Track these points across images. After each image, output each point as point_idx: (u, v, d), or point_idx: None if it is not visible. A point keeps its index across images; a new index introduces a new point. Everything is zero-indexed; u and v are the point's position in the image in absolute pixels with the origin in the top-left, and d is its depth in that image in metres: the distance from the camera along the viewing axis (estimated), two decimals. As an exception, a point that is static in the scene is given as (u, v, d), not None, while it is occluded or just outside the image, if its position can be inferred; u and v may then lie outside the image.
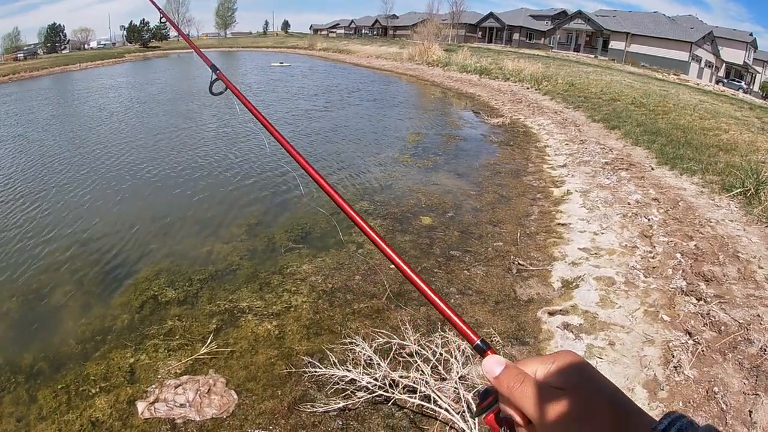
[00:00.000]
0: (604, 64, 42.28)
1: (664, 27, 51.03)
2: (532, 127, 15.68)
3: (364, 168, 11.18)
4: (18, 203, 9.14)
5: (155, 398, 4.03)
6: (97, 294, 5.96)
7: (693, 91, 26.11)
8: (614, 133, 13.31)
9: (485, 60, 33.42)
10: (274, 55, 61.38)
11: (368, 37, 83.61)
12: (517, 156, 12.09)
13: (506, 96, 22.25)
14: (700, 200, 7.91)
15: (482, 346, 0.69)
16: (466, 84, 27.33)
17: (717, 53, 51.66)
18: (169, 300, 5.72)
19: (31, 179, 10.69)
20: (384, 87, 28.90)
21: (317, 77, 34.74)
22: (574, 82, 22.79)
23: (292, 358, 4.57)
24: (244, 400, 4.09)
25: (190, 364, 4.54)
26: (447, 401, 3.72)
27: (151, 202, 9.18)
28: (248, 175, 10.62)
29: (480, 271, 6.21)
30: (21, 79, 41.09)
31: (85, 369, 4.57)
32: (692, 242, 6.27)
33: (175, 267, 6.53)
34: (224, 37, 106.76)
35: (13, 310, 5.73)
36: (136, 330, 5.15)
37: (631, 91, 20.67)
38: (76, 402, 4.18)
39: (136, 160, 12.07)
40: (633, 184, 8.91)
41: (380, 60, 45.11)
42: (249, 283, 6.04)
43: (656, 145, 11.26)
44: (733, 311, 4.69)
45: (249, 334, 5.01)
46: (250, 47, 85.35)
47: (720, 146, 10.91)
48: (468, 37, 68.63)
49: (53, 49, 77.99)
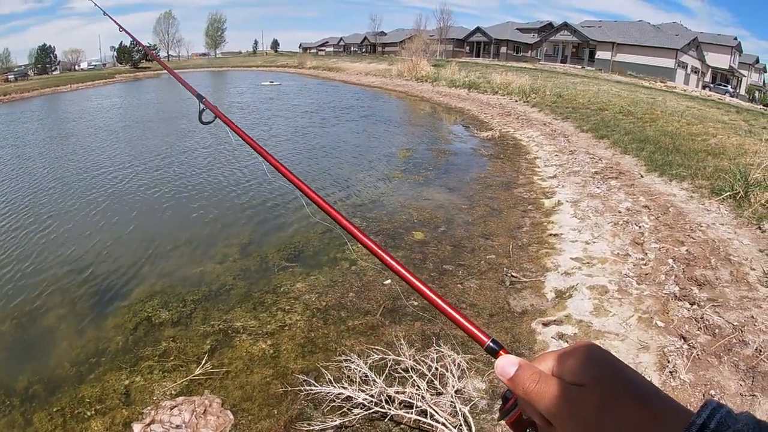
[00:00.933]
0: (591, 74, 42.76)
1: (649, 35, 51.82)
2: (522, 139, 15.82)
3: (355, 184, 11.23)
4: (10, 226, 9.08)
5: (151, 420, 3.99)
6: (90, 316, 5.92)
7: (680, 97, 26.42)
8: (603, 142, 13.44)
9: (473, 74, 33.71)
10: (264, 74, 61.63)
11: (357, 55, 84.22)
12: (507, 168, 12.17)
13: (495, 109, 22.44)
14: (690, 205, 7.98)
15: (494, 346, 0.66)
16: (455, 99, 27.55)
17: (702, 59, 52.44)
18: (163, 321, 5.69)
19: (24, 202, 10.62)
20: (374, 103, 29.08)
21: (308, 95, 34.93)
22: (561, 93, 23.00)
23: (288, 377, 4.55)
24: (240, 420, 4.06)
25: (186, 385, 4.51)
26: (444, 415, 3.72)
27: (143, 222, 9.15)
28: (240, 194, 10.63)
29: (473, 284, 6.22)
30: (12, 101, 41.18)
31: (80, 391, 4.54)
32: (684, 247, 6.32)
33: (169, 288, 6.50)
34: (214, 57, 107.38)
35: (7, 332, 5.69)
36: (130, 352, 5.12)
37: (619, 100, 20.89)
38: (71, 425, 4.14)
39: (128, 181, 12.05)
40: (623, 192, 8.99)
41: (370, 77, 45.45)
42: (243, 302, 6.02)
43: (645, 153, 11.38)
44: (727, 314, 4.72)
45: (244, 353, 4.99)
46: (240, 67, 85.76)
47: (708, 151, 11.02)
48: (456, 52, 69.31)
49: (44, 71, 77.97)
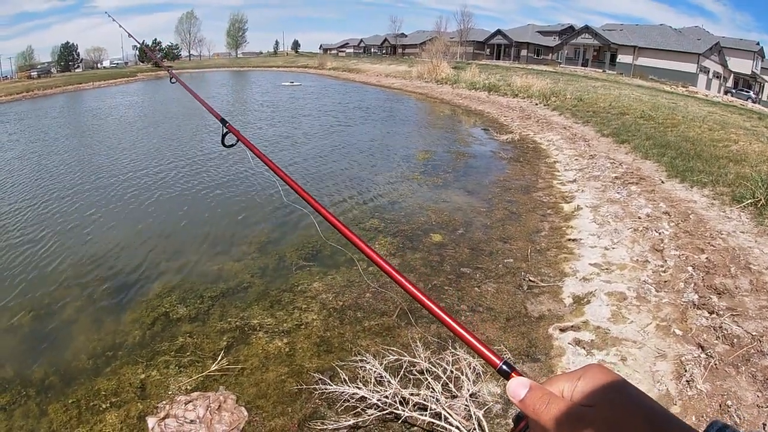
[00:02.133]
0: (612, 78, 42.26)
1: (671, 39, 51.06)
2: (542, 142, 15.70)
3: (374, 185, 11.24)
4: (32, 219, 9.27)
5: (165, 414, 4.04)
6: (109, 310, 6.02)
7: (702, 102, 25.98)
8: (624, 147, 13.28)
9: (494, 77, 33.58)
10: (284, 75, 62.00)
11: (377, 56, 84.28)
12: (526, 172, 12.09)
13: (515, 112, 22.31)
14: (710, 212, 7.86)
15: (506, 369, 0.68)
16: (475, 101, 27.44)
17: (725, 64, 51.48)
18: (180, 317, 5.76)
19: (46, 196, 10.84)
20: (394, 105, 29.10)
21: (329, 96, 35.04)
22: (582, 97, 22.78)
23: (303, 376, 4.58)
24: (254, 417, 4.09)
25: (201, 381, 4.56)
26: (458, 419, 3.70)
27: (164, 220, 9.29)
28: (260, 193, 10.71)
29: (491, 287, 6.19)
30: (35, 97, 42.06)
31: (96, 384, 4.61)
32: (703, 255, 6.22)
33: (187, 284, 6.58)
34: (235, 57, 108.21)
35: (26, 325, 5.80)
36: (147, 346, 5.19)
37: (640, 104, 20.61)
38: (86, 416, 4.21)
39: (149, 178, 12.23)
40: (643, 197, 8.87)
41: (389, 78, 45.44)
42: (260, 300, 6.07)
43: (666, 158, 11.22)
44: (746, 323, 4.63)
45: (260, 351, 5.02)
46: (260, 67, 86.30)
47: (730, 157, 10.84)
48: (476, 55, 69.06)
49: (66, 68, 79.26)
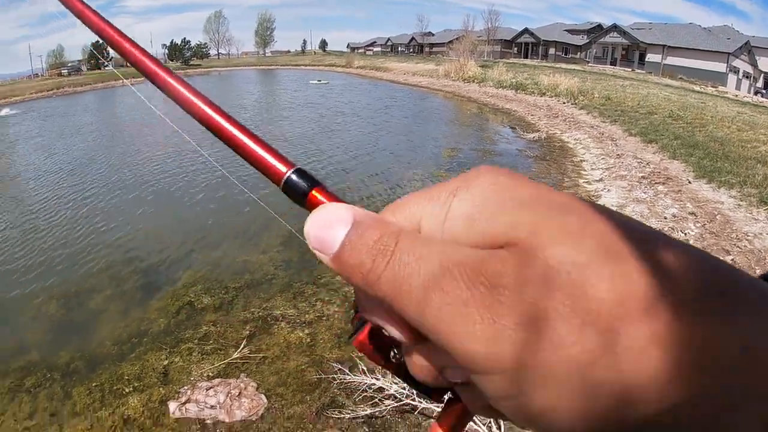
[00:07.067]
0: (641, 77, 41.49)
1: (700, 38, 49.85)
2: (569, 141, 15.51)
3: (401, 180, 11.27)
4: (65, 210, 9.57)
5: (187, 399, 4.15)
6: (135, 298, 6.19)
7: (731, 102, 25.36)
8: (651, 146, 13.06)
9: (521, 75, 33.23)
10: (312, 73, 62.28)
11: (404, 55, 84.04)
12: (552, 170, 11.98)
13: (542, 111, 22.07)
14: (737, 214, 7.70)
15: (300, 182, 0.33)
16: (502, 99, 27.20)
17: (755, 63, 49.99)
18: (204, 306, 5.89)
19: (79, 188, 11.18)
20: (421, 103, 29.03)
21: (357, 94, 35.11)
22: (610, 96, 22.42)
23: (323, 365, 4.65)
24: (273, 404, 4.18)
25: (223, 368, 4.66)
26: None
27: (191, 211, 9.49)
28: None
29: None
30: (65, 94, 43.20)
31: (120, 369, 4.76)
32: (729, 257, 6.11)
33: (212, 275, 6.72)
34: (263, 56, 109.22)
35: (54, 310, 6.02)
36: (171, 334, 5.33)
37: (668, 104, 20.23)
38: (109, 399, 4.35)
39: (180, 171, 12.46)
40: (670, 198, 8.73)
41: (417, 77, 45.30)
42: (283, 292, 6.16)
43: (693, 159, 11.02)
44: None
45: (281, 341, 5.11)
46: (288, 65, 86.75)
47: (758, 158, 10.63)
48: (503, 53, 68.49)
49: (96, 66, 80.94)
